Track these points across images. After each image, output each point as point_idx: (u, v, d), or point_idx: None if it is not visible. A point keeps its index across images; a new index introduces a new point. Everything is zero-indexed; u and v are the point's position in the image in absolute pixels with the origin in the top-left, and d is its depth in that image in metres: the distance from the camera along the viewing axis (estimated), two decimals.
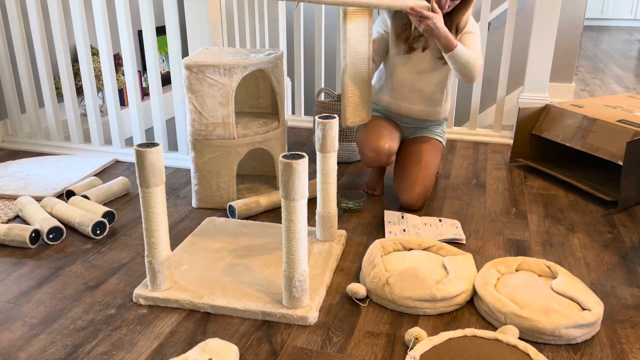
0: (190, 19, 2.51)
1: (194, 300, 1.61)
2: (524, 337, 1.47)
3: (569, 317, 1.47)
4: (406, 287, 1.59)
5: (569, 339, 1.47)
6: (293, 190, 1.45)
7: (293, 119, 3.38)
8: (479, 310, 1.61)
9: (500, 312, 1.52)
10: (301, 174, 1.45)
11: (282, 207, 1.49)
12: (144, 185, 1.53)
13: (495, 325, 1.53)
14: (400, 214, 2.17)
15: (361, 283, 1.70)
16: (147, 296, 1.64)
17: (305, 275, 1.54)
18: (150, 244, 1.61)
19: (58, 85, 3.14)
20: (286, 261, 1.53)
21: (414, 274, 1.63)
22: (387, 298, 1.61)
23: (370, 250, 1.79)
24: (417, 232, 2.04)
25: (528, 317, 1.47)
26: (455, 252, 1.80)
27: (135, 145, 1.52)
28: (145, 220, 1.58)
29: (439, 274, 1.69)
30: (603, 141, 2.37)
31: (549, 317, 1.47)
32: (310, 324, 1.55)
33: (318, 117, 1.85)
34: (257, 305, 1.59)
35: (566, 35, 3.85)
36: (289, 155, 1.46)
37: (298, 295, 1.55)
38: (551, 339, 1.47)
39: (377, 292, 1.63)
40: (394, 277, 1.62)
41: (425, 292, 1.58)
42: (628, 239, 2.03)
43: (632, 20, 8.12)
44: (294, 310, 1.56)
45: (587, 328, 1.48)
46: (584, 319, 1.47)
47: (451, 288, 1.59)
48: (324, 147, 1.84)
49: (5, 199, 2.36)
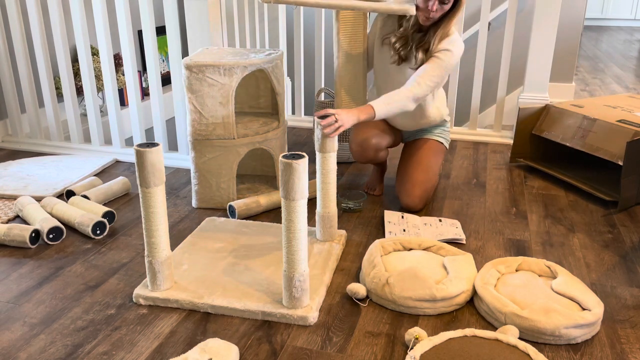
0: (190, 19, 2.50)
1: (194, 300, 1.61)
2: (524, 337, 1.47)
3: (569, 317, 1.47)
4: (406, 287, 1.59)
5: (569, 339, 1.47)
6: (293, 190, 1.45)
7: (293, 119, 3.38)
8: (479, 310, 1.61)
9: (500, 312, 1.52)
10: (301, 174, 1.45)
11: (282, 207, 1.49)
12: (144, 185, 1.53)
13: (495, 325, 1.53)
14: (400, 214, 2.17)
15: (361, 283, 1.70)
16: (147, 296, 1.64)
17: (305, 275, 1.54)
18: (150, 244, 1.60)
19: (58, 85, 3.13)
20: (286, 261, 1.53)
21: (414, 274, 1.63)
22: (387, 298, 1.61)
23: (370, 250, 1.79)
24: (417, 232, 2.04)
25: (528, 317, 1.47)
26: (455, 252, 1.80)
27: (135, 145, 1.52)
28: (145, 220, 1.58)
29: (439, 274, 1.69)
30: (603, 141, 2.37)
31: (549, 317, 1.47)
32: (310, 324, 1.55)
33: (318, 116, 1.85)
34: (257, 305, 1.59)
35: (566, 35, 3.85)
36: (289, 155, 1.46)
37: (298, 295, 1.55)
38: (551, 339, 1.47)
39: (377, 292, 1.63)
40: (394, 277, 1.62)
41: (425, 292, 1.58)
42: (628, 239, 2.03)
43: (632, 20, 8.11)
44: (294, 310, 1.56)
45: (587, 328, 1.48)
46: (584, 319, 1.47)
47: (451, 288, 1.59)
48: (324, 147, 1.84)
49: (5, 199, 2.36)
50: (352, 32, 2.18)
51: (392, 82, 2.16)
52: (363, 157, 2.23)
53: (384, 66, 2.20)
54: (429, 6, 1.96)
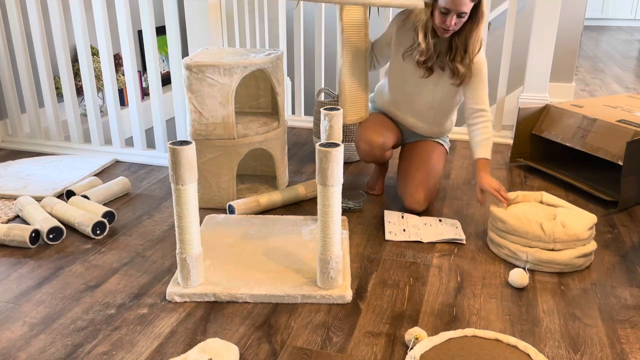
0: (190, 19, 2.51)
1: (232, 292, 1.65)
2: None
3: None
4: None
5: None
6: (331, 176, 1.52)
7: (293, 119, 3.38)
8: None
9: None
10: (338, 160, 1.51)
11: (318, 193, 1.56)
12: (179, 182, 1.54)
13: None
14: (400, 214, 2.17)
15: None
16: (183, 293, 1.65)
17: (339, 257, 1.63)
18: (184, 241, 1.62)
19: (58, 85, 3.14)
20: (322, 245, 1.60)
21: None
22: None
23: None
24: (417, 231, 2.04)
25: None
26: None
27: (169, 142, 1.53)
28: (178, 217, 1.59)
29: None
30: (603, 141, 2.37)
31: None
32: (348, 301, 1.65)
33: (323, 108, 1.89)
34: (294, 289, 1.65)
35: (566, 35, 3.85)
36: (325, 144, 1.52)
37: (335, 275, 1.63)
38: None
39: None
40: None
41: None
42: (628, 239, 2.03)
43: (632, 20, 8.11)
44: (331, 291, 1.65)
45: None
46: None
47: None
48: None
49: (5, 199, 2.36)
50: (356, 30, 2.17)
51: (411, 92, 2.19)
52: (370, 155, 2.23)
53: (405, 79, 2.18)
54: (447, 21, 1.91)
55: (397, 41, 2.15)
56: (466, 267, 1.83)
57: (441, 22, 1.93)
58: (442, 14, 1.92)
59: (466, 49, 2.01)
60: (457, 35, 2.01)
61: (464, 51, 2.02)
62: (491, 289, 1.72)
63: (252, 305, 1.64)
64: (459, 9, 1.88)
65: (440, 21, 1.93)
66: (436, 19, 1.95)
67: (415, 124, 2.27)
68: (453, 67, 2.05)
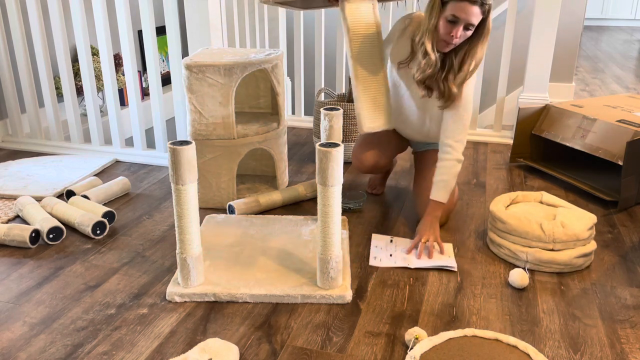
0: (190, 19, 2.51)
1: (232, 292, 1.65)
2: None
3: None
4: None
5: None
6: (331, 176, 1.52)
7: (293, 119, 3.38)
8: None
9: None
10: (338, 160, 1.51)
11: (318, 193, 1.56)
12: (179, 182, 1.54)
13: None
14: (389, 238, 2.01)
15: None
16: (183, 293, 1.65)
17: (339, 257, 1.62)
18: (184, 241, 1.62)
19: (58, 85, 3.14)
20: (322, 244, 1.60)
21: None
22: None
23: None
24: (404, 257, 1.88)
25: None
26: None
27: (169, 142, 1.53)
28: (178, 217, 1.59)
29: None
30: (603, 141, 2.37)
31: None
32: (348, 301, 1.64)
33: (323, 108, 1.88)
34: (294, 289, 1.65)
35: (566, 35, 3.85)
36: (325, 144, 1.52)
37: (335, 275, 1.63)
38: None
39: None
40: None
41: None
42: (628, 239, 2.03)
43: (632, 20, 8.11)
44: (332, 290, 1.64)
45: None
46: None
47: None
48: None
49: (5, 199, 2.36)
50: (364, 27, 1.96)
51: (403, 105, 2.09)
52: (361, 171, 2.23)
53: (396, 90, 2.08)
54: (453, 32, 1.76)
55: (395, 48, 2.03)
56: (466, 267, 1.83)
57: (447, 32, 1.77)
58: (448, 23, 1.76)
59: (461, 67, 1.86)
60: (455, 51, 1.86)
61: (459, 69, 1.86)
62: (491, 289, 1.72)
63: (252, 305, 1.64)
64: (469, 18, 1.74)
65: (446, 31, 1.78)
66: (441, 29, 1.79)
67: (412, 135, 2.19)
68: (444, 87, 1.89)
